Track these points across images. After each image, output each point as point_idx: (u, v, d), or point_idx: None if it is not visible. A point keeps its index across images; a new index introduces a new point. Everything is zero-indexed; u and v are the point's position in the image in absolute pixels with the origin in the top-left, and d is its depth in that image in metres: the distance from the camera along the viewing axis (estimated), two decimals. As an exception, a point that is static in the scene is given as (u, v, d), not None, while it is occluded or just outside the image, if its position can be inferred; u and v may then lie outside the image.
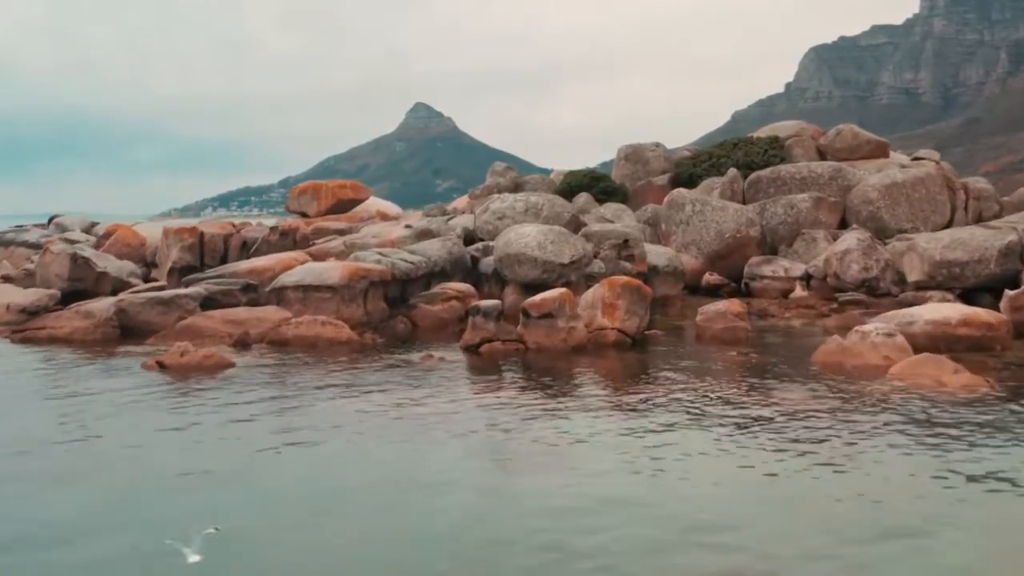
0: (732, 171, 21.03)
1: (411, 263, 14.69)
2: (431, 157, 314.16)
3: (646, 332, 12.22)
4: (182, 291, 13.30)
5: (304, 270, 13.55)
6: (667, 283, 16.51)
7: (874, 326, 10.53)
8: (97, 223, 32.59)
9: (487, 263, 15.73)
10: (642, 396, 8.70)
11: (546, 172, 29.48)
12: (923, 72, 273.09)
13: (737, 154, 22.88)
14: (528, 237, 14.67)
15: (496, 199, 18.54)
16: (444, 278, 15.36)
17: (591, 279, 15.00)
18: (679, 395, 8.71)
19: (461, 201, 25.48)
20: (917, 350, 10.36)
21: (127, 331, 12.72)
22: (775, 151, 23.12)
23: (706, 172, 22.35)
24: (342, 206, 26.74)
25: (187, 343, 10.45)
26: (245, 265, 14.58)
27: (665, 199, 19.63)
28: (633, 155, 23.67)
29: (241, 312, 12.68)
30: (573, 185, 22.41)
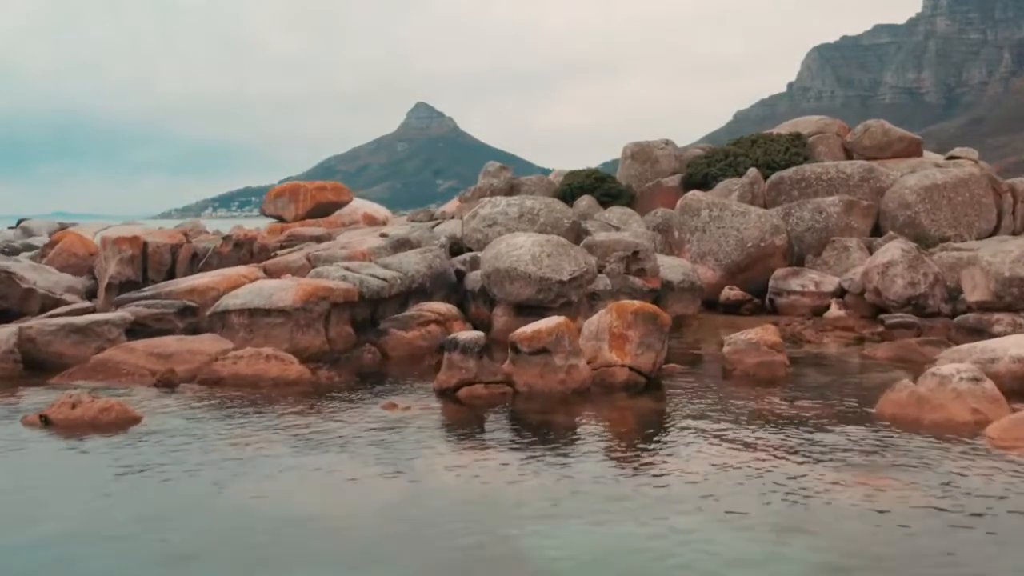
0: (752, 171, 18.80)
1: (383, 280, 12.47)
2: (432, 157, 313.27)
3: (662, 366, 10.00)
4: (101, 316, 11.07)
5: (251, 290, 11.32)
6: (683, 301, 14.29)
7: (955, 368, 8.30)
8: (67, 226, 30.62)
9: (474, 278, 13.51)
10: (669, 477, 6.47)
11: (548, 173, 27.33)
12: (926, 72, 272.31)
13: (756, 152, 20.66)
14: (521, 249, 12.46)
15: (487, 203, 16.32)
16: (423, 296, 13.15)
17: (595, 298, 12.80)
18: (716, 473, 6.48)
19: (452, 204, 23.26)
20: (1003, 394, 8.18)
21: (34, 365, 10.49)
22: (797, 149, 20.91)
23: (722, 172, 20.12)
24: (322, 209, 24.62)
25: (80, 392, 8.23)
26: (185, 283, 12.34)
27: (678, 203, 17.41)
28: (640, 153, 21.43)
29: (170, 343, 10.45)
30: (574, 187, 20.19)
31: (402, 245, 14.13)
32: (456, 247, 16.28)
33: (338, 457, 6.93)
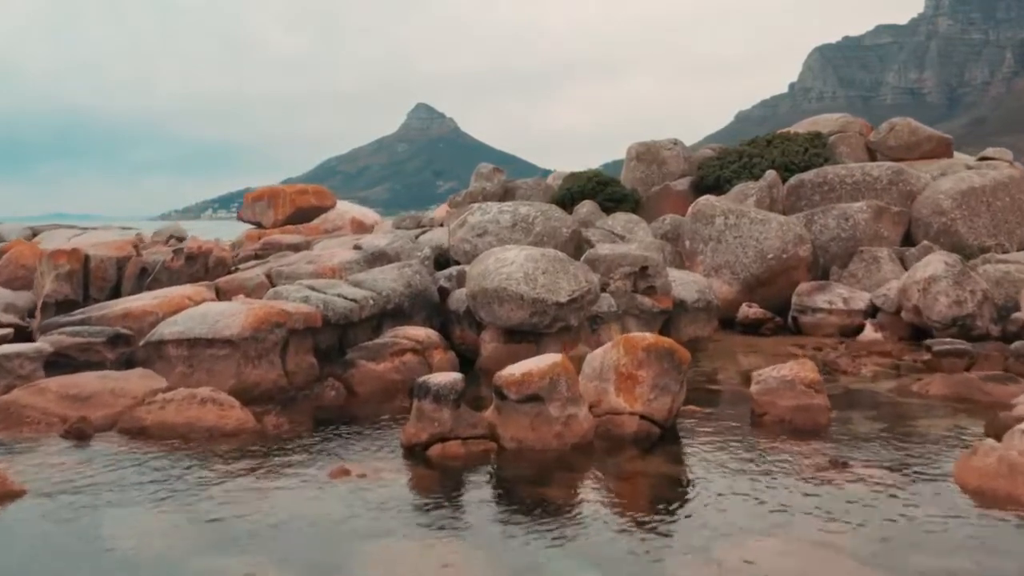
0: (771, 174, 17.09)
1: (353, 301, 10.77)
2: (433, 158, 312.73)
3: (679, 411, 8.28)
4: (12, 347, 9.34)
5: (193, 316, 9.60)
6: (698, 322, 12.60)
7: (1051, 424, 6.58)
8: (39, 231, 29.07)
9: (459, 297, 11.81)
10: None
11: (550, 174, 25.70)
12: (928, 72, 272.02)
13: (772, 153, 18.97)
14: (512, 266, 10.76)
15: (476, 210, 14.61)
16: (401, 319, 11.45)
17: (597, 321, 11.11)
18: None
19: (441, 210, 21.56)
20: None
21: (-70, 407, 8.76)
22: (817, 149, 19.22)
23: (736, 175, 18.43)
24: (303, 215, 22.97)
25: (-51, 456, 6.53)
26: (119, 306, 10.61)
27: (689, 209, 15.71)
28: (646, 154, 19.73)
29: (89, 382, 8.71)
30: (574, 191, 18.50)
31: (378, 259, 12.42)
32: (442, 259, 14.61)
33: (258, 559, 5.21)
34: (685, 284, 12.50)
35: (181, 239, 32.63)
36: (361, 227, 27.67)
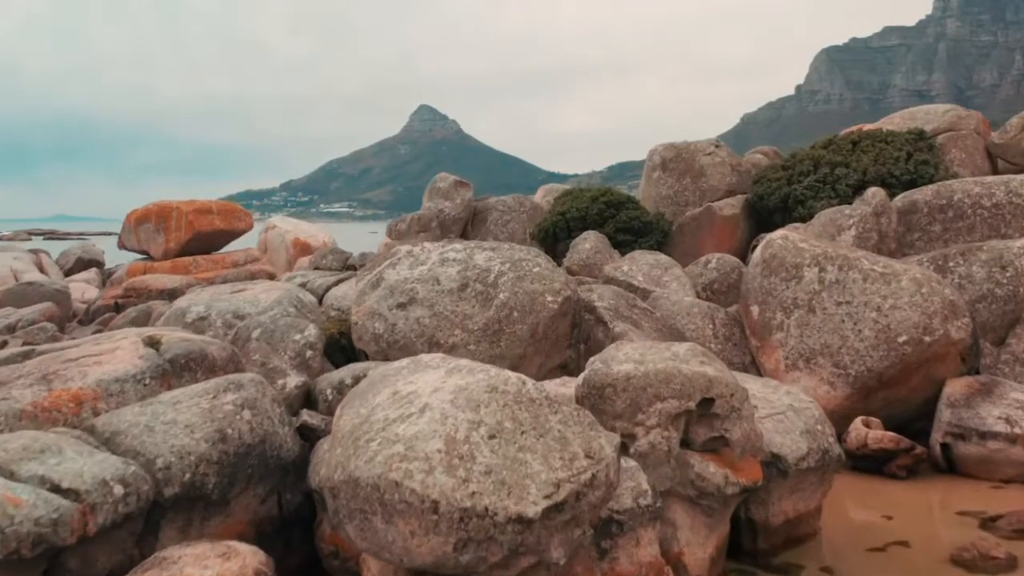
0: (876, 192, 11.07)
1: (70, 495, 4.78)
2: (435, 160, 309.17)
3: None
4: None
5: None
6: (802, 490, 6.58)
7: None
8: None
9: (330, 457, 5.76)
10: None
11: (555, 177, 19.53)
12: (936, 74, 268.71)
13: (862, 160, 12.96)
14: (422, 417, 4.76)
15: (403, 257, 8.63)
16: (206, 510, 5.50)
17: (612, 528, 5.12)
18: None
19: (384, 244, 15.50)
20: None
21: None
22: (924, 155, 13.23)
23: (811, 192, 12.44)
24: (205, 241, 16.95)
25: None
26: None
27: (757, 254, 9.65)
28: (676, 161, 13.70)
29: None
30: (571, 217, 12.48)
31: (184, 368, 6.37)
32: (347, 341, 8.68)
33: None
34: (779, 416, 6.46)
35: (93, 264, 26.61)
36: (306, 251, 21.86)
